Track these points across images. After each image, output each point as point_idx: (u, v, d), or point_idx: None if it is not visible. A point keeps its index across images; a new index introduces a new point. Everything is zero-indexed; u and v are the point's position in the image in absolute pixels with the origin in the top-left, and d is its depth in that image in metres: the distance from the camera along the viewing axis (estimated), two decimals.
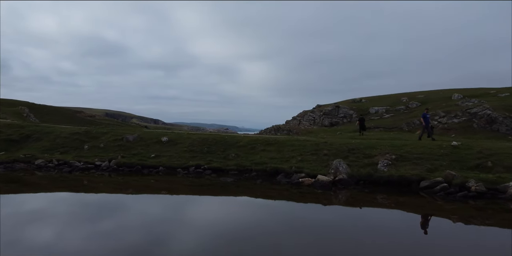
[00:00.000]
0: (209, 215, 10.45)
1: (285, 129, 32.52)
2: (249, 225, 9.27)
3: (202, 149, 20.05)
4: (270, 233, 8.45)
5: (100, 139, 22.51)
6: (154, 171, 18.10)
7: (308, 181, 14.86)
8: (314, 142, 18.94)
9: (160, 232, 8.44)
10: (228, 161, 18.49)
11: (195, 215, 10.65)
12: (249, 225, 9.34)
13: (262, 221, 9.75)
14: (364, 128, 28.96)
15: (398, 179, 14.25)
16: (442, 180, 13.36)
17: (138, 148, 21.00)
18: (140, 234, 8.27)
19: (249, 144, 20.05)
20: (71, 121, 47.57)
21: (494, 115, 23.77)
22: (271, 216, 10.40)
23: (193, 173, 17.55)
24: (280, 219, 10.01)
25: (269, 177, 16.26)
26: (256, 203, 12.19)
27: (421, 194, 12.99)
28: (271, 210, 11.10)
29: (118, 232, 8.56)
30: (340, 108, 40.62)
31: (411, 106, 36.89)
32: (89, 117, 61.21)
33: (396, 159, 15.73)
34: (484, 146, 16.35)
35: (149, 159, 19.44)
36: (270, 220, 9.89)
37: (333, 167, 15.35)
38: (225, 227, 8.97)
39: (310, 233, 8.51)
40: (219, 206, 11.86)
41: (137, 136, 22.29)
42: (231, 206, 11.90)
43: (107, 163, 19.32)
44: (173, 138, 21.74)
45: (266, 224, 9.39)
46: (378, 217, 10.46)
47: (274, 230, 8.74)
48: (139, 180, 16.47)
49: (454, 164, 14.83)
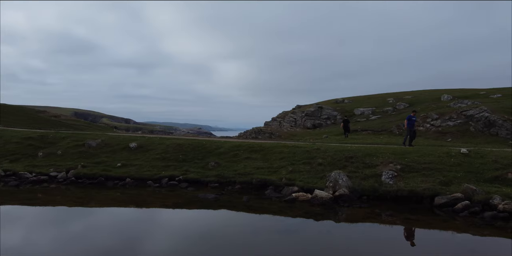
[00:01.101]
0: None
1: (267, 132, 30.32)
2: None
3: (177, 157, 17.49)
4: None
5: (58, 145, 19.56)
6: (120, 184, 15.42)
7: (304, 197, 12.61)
8: (305, 149, 16.73)
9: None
10: (207, 171, 16.03)
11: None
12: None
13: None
14: (348, 130, 27.28)
15: (408, 194, 12.22)
16: (462, 196, 11.39)
17: (102, 155, 18.21)
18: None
19: (231, 151, 17.66)
20: (33, 122, 43.66)
21: (492, 117, 22.32)
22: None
23: (166, 186, 15.00)
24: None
25: (256, 190, 13.94)
26: (250, 242, 8.84)
27: (437, 212, 10.98)
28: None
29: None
30: (323, 109, 38.71)
31: (398, 107, 35.38)
32: (54, 117, 56.89)
33: (402, 170, 13.70)
34: (497, 154, 14.58)
35: (114, 168, 16.73)
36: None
37: (331, 179, 13.15)
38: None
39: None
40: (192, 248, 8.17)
41: (101, 141, 19.46)
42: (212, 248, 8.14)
43: (64, 174, 16.50)
44: (143, 144, 19.06)
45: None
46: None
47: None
48: (96, 196, 13.72)
49: (469, 175, 12.93)
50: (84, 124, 57.58)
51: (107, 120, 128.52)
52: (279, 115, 47.29)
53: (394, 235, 9.46)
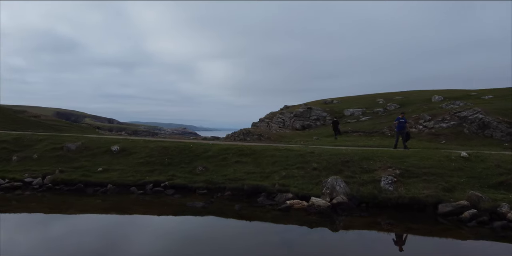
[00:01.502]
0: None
1: (255, 133, 29.45)
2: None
3: (163, 161, 16.45)
4: None
5: (34, 148, 18.28)
6: (101, 191, 14.31)
7: (299, 205, 11.80)
8: (299, 153, 15.90)
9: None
10: (195, 176, 15.07)
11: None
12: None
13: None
14: (338, 131, 26.70)
15: (409, 201, 11.51)
16: (468, 204, 10.73)
17: (82, 159, 17.05)
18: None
19: (220, 154, 16.71)
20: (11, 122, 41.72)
21: (487, 119, 21.89)
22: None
23: (151, 193, 13.99)
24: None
25: (247, 197, 13.07)
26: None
27: (442, 222, 10.29)
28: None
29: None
30: (312, 110, 37.98)
31: (389, 108, 34.91)
32: (34, 117, 54.87)
33: (401, 175, 12.99)
34: (498, 157, 14.02)
35: (95, 174, 15.60)
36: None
37: (328, 186, 12.35)
38: None
39: None
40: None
41: (81, 144, 18.27)
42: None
43: (40, 180, 15.30)
44: (126, 147, 17.95)
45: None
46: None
47: None
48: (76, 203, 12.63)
49: (472, 181, 12.30)
50: (65, 124, 55.67)
51: (90, 120, 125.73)
52: (267, 116, 46.45)
53: (408, 253, 8.56)
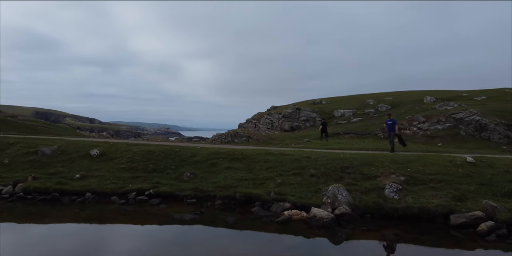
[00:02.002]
0: None
1: (244, 135, 28.34)
2: None
3: (147, 167, 15.18)
4: None
5: (5, 152, 16.75)
6: (79, 200, 12.97)
7: (298, 216, 10.77)
8: (294, 157, 14.86)
9: None
10: (182, 183, 13.86)
11: None
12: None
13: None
14: (326, 133, 25.87)
15: (418, 211, 10.60)
16: (483, 215, 9.87)
17: (58, 165, 15.62)
18: None
19: (209, 159, 15.54)
20: None
21: (484, 121, 21.30)
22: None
23: (134, 202, 12.74)
24: None
25: (240, 207, 11.98)
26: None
27: (456, 235, 9.40)
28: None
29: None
30: (301, 111, 37.05)
31: (380, 109, 34.23)
32: (10, 117, 52.36)
33: (406, 182, 12.09)
34: (504, 162, 13.34)
35: (72, 181, 14.22)
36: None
37: (329, 195, 11.34)
38: None
39: None
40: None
41: (57, 148, 16.81)
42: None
43: (11, 189, 13.86)
44: (106, 151, 16.58)
45: None
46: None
47: None
48: (46, 216, 11.31)
49: (483, 189, 11.48)
50: (44, 124, 53.25)
51: (70, 119, 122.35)
52: (254, 117, 45.36)
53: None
